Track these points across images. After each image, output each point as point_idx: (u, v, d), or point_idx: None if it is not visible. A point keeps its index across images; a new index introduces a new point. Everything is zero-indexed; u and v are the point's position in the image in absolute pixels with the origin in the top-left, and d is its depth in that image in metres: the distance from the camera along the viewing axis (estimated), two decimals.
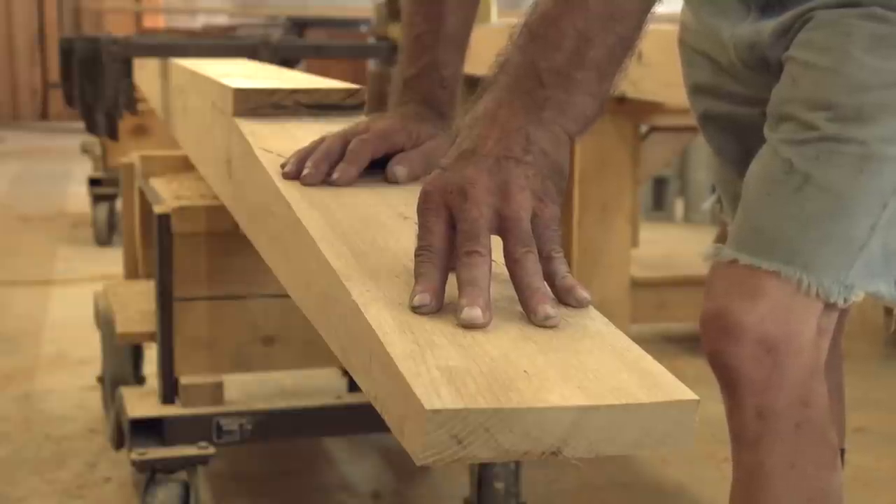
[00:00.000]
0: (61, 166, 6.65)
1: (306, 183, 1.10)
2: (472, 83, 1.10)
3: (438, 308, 0.81)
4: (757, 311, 1.19)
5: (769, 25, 1.27)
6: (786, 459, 1.22)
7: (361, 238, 0.96)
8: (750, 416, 1.21)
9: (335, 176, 1.11)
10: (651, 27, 1.04)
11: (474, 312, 0.79)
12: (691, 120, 1.51)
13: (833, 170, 1.18)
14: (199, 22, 9.84)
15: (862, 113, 1.18)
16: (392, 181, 1.14)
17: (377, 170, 1.15)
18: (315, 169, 1.12)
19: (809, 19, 1.24)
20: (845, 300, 1.19)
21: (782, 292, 1.19)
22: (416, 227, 0.87)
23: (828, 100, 1.19)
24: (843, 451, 1.36)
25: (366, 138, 1.15)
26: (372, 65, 6.75)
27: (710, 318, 1.22)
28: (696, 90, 1.45)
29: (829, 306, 1.20)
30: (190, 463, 1.88)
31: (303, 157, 1.14)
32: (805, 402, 1.21)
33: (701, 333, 1.25)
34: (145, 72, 2.50)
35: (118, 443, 2.11)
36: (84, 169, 5.21)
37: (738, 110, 1.38)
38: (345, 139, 1.15)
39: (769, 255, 1.19)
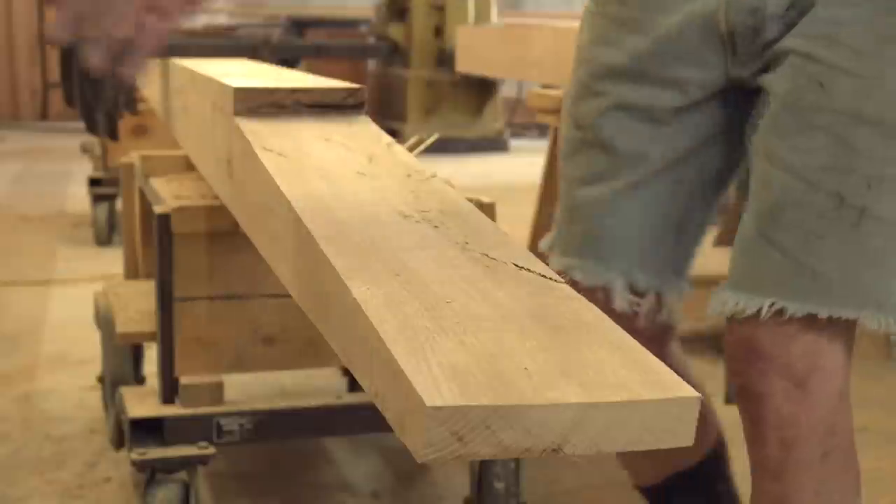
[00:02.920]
0: (61, 166, 6.65)
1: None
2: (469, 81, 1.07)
3: None
4: (790, 348, 1.13)
5: None
6: (811, 488, 1.17)
7: (361, 236, 0.96)
8: (773, 447, 1.16)
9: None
10: None
11: None
12: None
13: (886, 197, 1.09)
14: (199, 22, 9.84)
15: None
16: None
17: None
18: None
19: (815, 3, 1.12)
20: None
21: (817, 328, 1.12)
22: None
23: (878, 114, 1.09)
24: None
25: None
26: (372, 65, 6.75)
27: (741, 346, 1.16)
28: (609, 74, 1.25)
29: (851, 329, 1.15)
30: (190, 463, 1.88)
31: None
32: (832, 430, 1.16)
33: (729, 361, 1.19)
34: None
35: (118, 443, 2.11)
36: (84, 169, 5.21)
37: (663, 96, 1.22)
38: None
39: (837, 301, 1.10)
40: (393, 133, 1.40)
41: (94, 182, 4.46)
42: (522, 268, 0.91)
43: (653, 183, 1.26)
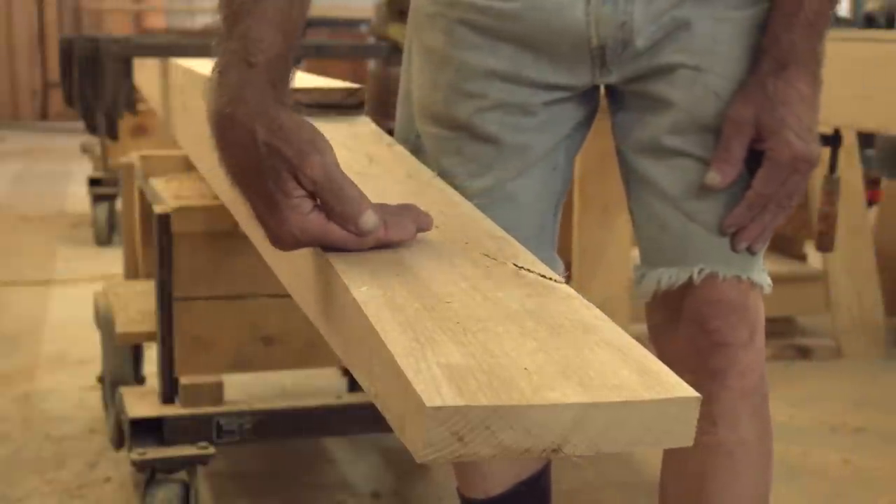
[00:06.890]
0: (61, 166, 6.66)
1: None
2: None
3: None
4: (747, 301, 1.29)
5: (638, 8, 1.23)
6: (758, 432, 1.34)
7: None
8: (734, 397, 1.30)
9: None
10: None
11: None
12: None
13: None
14: (199, 22, 9.84)
15: None
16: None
17: None
18: None
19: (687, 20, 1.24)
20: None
21: (757, 287, 1.30)
22: None
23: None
24: None
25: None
26: (372, 65, 6.76)
27: (714, 304, 1.28)
28: (483, 76, 1.29)
29: None
30: (190, 463, 1.88)
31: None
32: (763, 375, 1.33)
33: (697, 325, 1.30)
34: (145, 72, 2.50)
35: (118, 443, 2.12)
36: (84, 169, 5.22)
37: (537, 95, 1.29)
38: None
39: (751, 267, 1.29)
40: (393, 133, 1.39)
41: (94, 182, 4.46)
42: (522, 268, 0.91)
43: (533, 171, 1.33)
